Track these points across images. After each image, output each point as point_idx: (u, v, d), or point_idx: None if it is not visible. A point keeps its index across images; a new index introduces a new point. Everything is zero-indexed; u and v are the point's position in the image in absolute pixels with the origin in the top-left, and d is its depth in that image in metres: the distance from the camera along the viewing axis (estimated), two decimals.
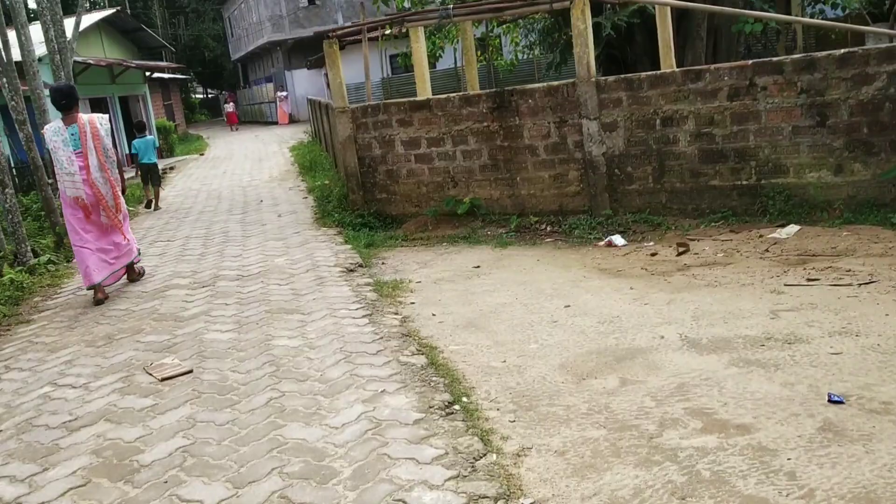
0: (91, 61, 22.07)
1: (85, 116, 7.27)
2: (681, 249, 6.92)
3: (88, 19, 24.75)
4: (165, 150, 26.49)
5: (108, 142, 7.36)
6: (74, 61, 22.67)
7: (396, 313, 5.97)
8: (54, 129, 7.16)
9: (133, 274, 8.06)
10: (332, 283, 6.99)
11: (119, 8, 25.94)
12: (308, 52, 38.84)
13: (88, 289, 7.38)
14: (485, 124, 8.95)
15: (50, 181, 10.61)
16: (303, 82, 41.18)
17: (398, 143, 9.57)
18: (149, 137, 14.57)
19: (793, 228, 6.93)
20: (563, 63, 14.78)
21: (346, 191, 10.22)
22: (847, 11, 14.16)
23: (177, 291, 7.39)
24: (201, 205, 13.91)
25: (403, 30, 15.42)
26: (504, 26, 18.44)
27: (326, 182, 13.40)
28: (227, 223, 11.24)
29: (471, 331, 5.44)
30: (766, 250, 6.56)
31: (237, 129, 40.39)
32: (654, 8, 11.24)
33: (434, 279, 7.02)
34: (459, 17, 9.55)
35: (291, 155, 22.08)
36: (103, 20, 25.18)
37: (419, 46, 10.89)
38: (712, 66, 7.72)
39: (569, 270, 6.81)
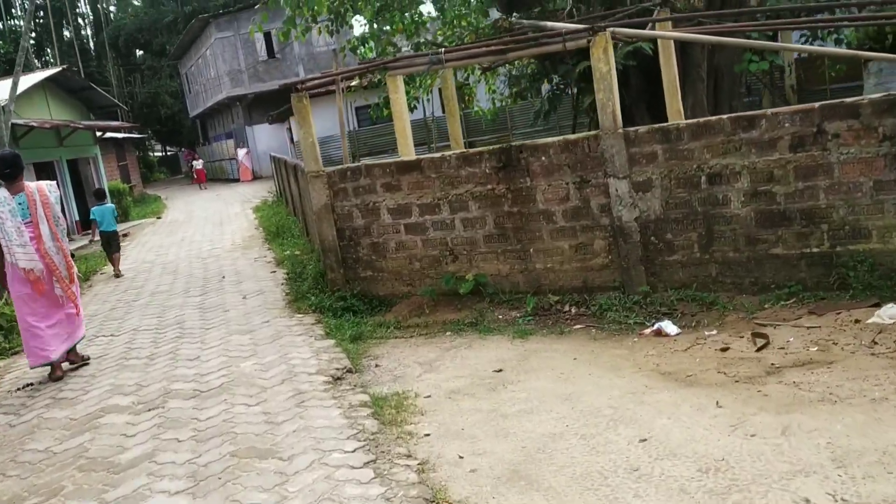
0: (34, 123, 20.42)
1: (32, 184, 7.06)
2: (759, 342, 5.48)
3: (32, 79, 23.11)
4: (120, 215, 24.73)
5: (58, 209, 7.20)
6: (15, 124, 21.05)
7: (409, 455, 4.41)
8: (0, 199, 6.83)
9: (75, 356, 7.48)
10: (317, 402, 5.41)
11: (65, 66, 24.34)
12: (269, 106, 37.48)
13: (43, 366, 7.09)
14: (489, 187, 7.52)
15: None
16: (264, 137, 39.75)
17: (384, 211, 8.09)
18: (108, 205, 14.26)
19: (894, 309, 5.53)
20: (553, 110, 13.52)
21: (324, 268, 8.69)
22: (848, 44, 13.12)
23: (115, 418, 5.74)
24: (155, 282, 12.24)
25: (376, 79, 14.09)
26: (482, 73, 17.23)
27: (297, 253, 11.85)
28: (183, 309, 9.59)
29: (520, 488, 3.89)
30: (874, 342, 5.14)
31: (205, 188, 38.56)
32: (651, 48, 9.98)
33: (447, 391, 5.48)
34: (453, 63, 8.19)
35: (255, 217, 20.49)
36: (48, 79, 23.54)
37: (399, 98, 9.52)
38: (769, 112, 6.38)
39: (621, 375, 5.32)
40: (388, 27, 13.80)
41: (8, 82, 20.57)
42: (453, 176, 7.66)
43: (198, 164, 42.06)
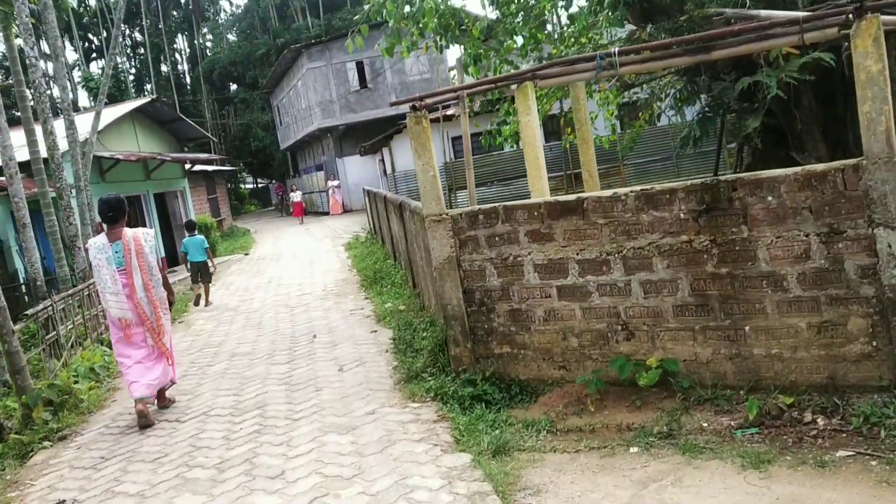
0: (120, 156, 19.32)
1: (129, 232, 7.08)
2: None
3: (121, 110, 22.22)
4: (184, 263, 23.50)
5: (153, 259, 7.18)
6: (100, 156, 20.05)
7: None
8: (98, 247, 7.02)
9: (163, 400, 7.46)
10: None
11: (155, 97, 23.43)
12: (360, 137, 36.26)
13: (140, 399, 7.00)
14: (683, 238, 5.36)
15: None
16: (355, 170, 38.49)
17: (529, 268, 6.03)
18: (198, 237, 14.50)
19: None
20: (706, 135, 11.26)
21: (446, 340, 6.65)
22: None
23: None
24: (236, 338, 10.48)
25: (494, 97, 12.16)
26: (601, 94, 15.01)
27: (402, 308, 9.89)
28: (265, 383, 7.72)
29: None
30: None
31: (304, 223, 34.86)
32: (833, 59, 7.66)
33: None
34: (631, 67, 6.10)
35: (348, 255, 18.77)
36: (137, 110, 22.63)
37: (531, 120, 7.51)
38: None
39: None
40: (504, 41, 11.86)
41: (88, 117, 19.63)
42: (630, 223, 5.54)
43: (295, 196, 38.80)
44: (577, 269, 5.81)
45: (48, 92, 13.36)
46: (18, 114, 12.38)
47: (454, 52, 44.11)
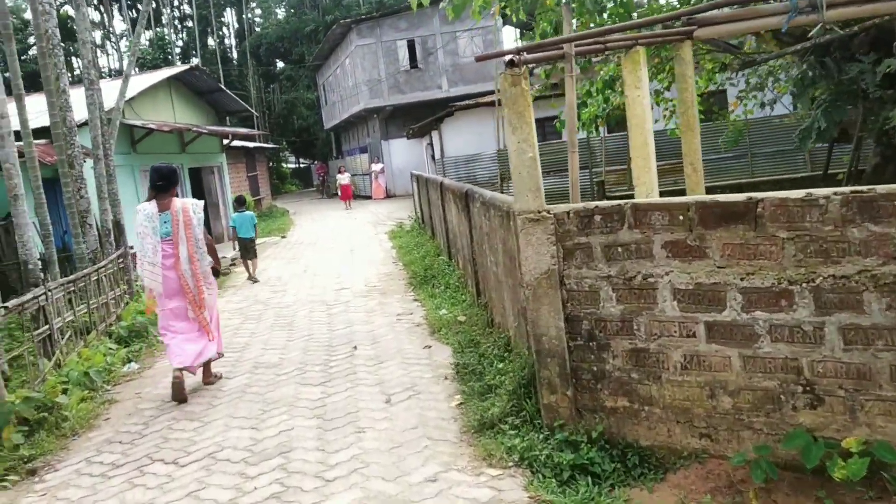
0: (152, 125, 17.87)
1: (178, 202, 6.94)
2: None
3: (156, 76, 20.78)
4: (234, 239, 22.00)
5: (200, 231, 7.04)
6: (132, 125, 18.62)
7: None
8: (147, 215, 6.84)
9: (208, 376, 7.29)
10: None
11: (193, 65, 21.93)
12: (407, 120, 34.64)
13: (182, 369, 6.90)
14: None
15: None
16: (401, 153, 36.86)
17: (666, 293, 4.27)
18: (247, 213, 14.66)
19: None
20: (834, 125, 9.30)
21: (534, 379, 4.93)
22: None
23: None
24: (261, 342, 8.88)
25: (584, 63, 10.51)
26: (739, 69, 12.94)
27: (461, 319, 8.18)
28: (292, 413, 6.07)
29: None
30: None
31: (351, 208, 31.87)
32: None
33: None
34: (841, 11, 4.26)
35: (392, 245, 17.13)
36: (174, 78, 21.17)
37: (640, 95, 5.87)
38: None
39: None
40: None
41: (114, 85, 17.96)
42: (831, 239, 3.76)
43: (343, 178, 35.35)
44: (740, 301, 4.04)
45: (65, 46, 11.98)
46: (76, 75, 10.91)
47: (509, 34, 42.20)
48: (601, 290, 4.49)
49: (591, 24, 9.82)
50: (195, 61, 55.73)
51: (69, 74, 22.50)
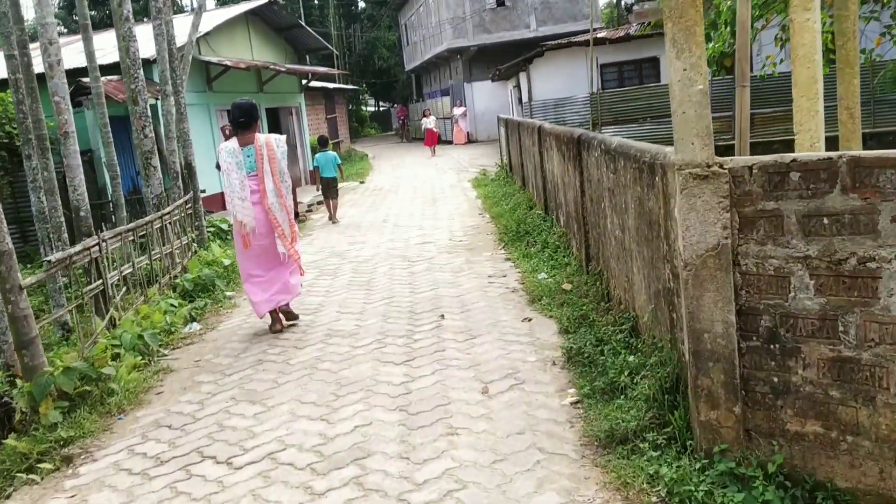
0: (228, 62, 16.99)
1: (262, 137, 6.85)
2: None
3: (233, 11, 19.86)
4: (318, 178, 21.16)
5: (284, 164, 6.92)
6: (208, 62, 17.79)
7: None
8: (229, 150, 6.78)
9: (292, 316, 7.28)
10: None
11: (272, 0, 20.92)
12: (493, 61, 33.00)
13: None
14: None
15: None
16: (484, 97, 35.37)
17: (893, 285, 3.02)
18: (330, 153, 14.72)
19: None
20: None
21: (686, 386, 3.74)
22: None
23: None
24: (336, 305, 7.93)
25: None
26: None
27: (566, 287, 7.01)
28: (370, 400, 5.06)
29: None
30: None
31: (435, 155, 29.82)
32: None
33: None
34: None
35: (477, 195, 15.97)
36: (252, 13, 20.21)
37: (811, 20, 4.66)
38: None
39: None
40: None
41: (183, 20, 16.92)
42: None
43: (428, 121, 32.49)
44: None
45: None
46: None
47: None
48: (793, 275, 3.26)
49: None
50: None
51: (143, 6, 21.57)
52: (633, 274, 4.98)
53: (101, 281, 6.94)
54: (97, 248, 6.89)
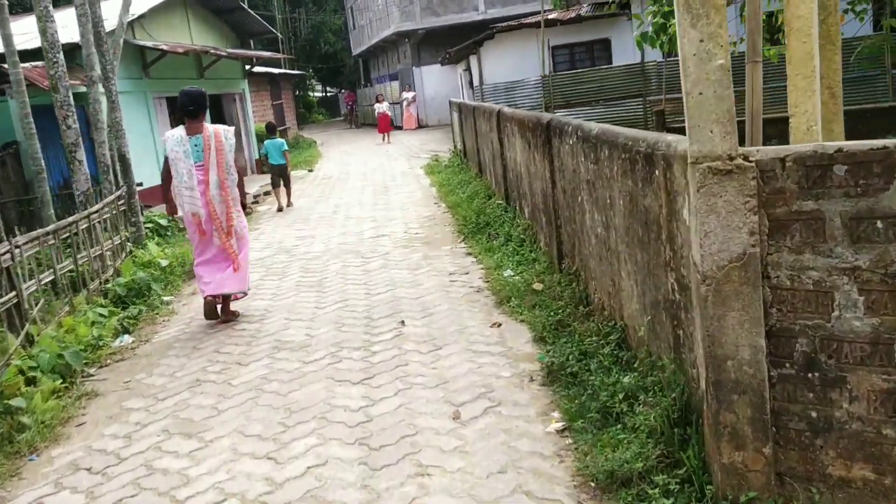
0: (164, 47, 15.98)
1: (211, 128, 6.77)
2: None
3: None
4: (265, 166, 20.22)
5: (231, 157, 6.85)
6: (143, 46, 16.74)
7: None
8: (176, 139, 6.70)
9: (228, 313, 7.01)
10: None
11: None
12: (442, 45, 32.22)
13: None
14: None
15: None
16: (434, 81, 34.62)
17: None
18: (278, 140, 14.41)
19: None
20: None
21: (705, 422, 3.15)
22: None
23: None
24: (284, 310, 7.21)
25: None
26: None
27: (536, 287, 6.41)
28: (325, 429, 4.39)
29: None
30: None
31: (389, 142, 28.31)
32: None
33: None
34: None
35: (431, 182, 15.32)
36: None
37: None
38: None
39: None
40: None
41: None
42: None
43: (381, 106, 30.83)
44: None
45: None
46: None
47: None
48: (837, 290, 2.69)
49: None
50: None
51: None
52: (622, 279, 4.39)
53: (14, 293, 6.11)
54: (8, 255, 6.06)
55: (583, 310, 5.35)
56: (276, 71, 32.61)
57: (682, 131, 4.33)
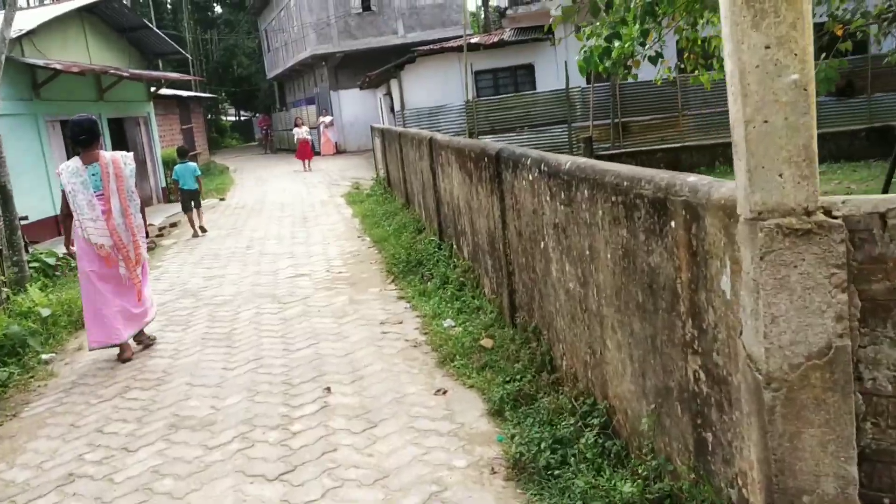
0: (58, 66, 14.56)
1: (108, 155, 6.64)
2: None
3: (64, 7, 17.30)
4: (174, 194, 18.82)
5: (132, 183, 6.71)
6: (33, 65, 15.26)
7: None
8: (72, 170, 6.47)
9: (144, 337, 6.95)
10: None
11: None
12: (360, 68, 31.35)
13: (106, 347, 6.58)
14: None
15: None
16: (352, 105, 33.68)
17: None
18: (190, 164, 14.05)
19: None
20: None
21: None
22: None
23: None
24: (184, 375, 6.11)
25: None
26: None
27: (485, 343, 5.51)
28: None
29: None
30: None
31: (309, 170, 26.22)
32: None
33: None
34: None
35: (353, 213, 14.33)
36: (88, 11, 17.72)
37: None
38: None
39: None
40: None
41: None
42: None
43: (301, 132, 28.18)
44: None
45: None
46: None
47: None
48: None
49: None
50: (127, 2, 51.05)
51: None
52: (606, 349, 3.54)
53: None
54: None
55: (547, 377, 4.48)
56: (185, 94, 31.13)
57: (611, 161, 3.57)
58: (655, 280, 2.86)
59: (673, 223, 2.63)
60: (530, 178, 4.45)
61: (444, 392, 5.00)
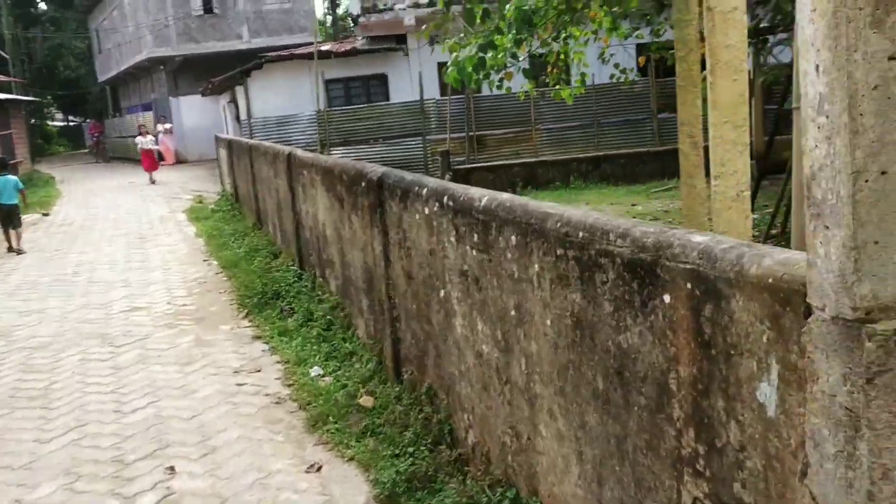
0: None
1: None
2: None
3: None
4: None
5: None
6: None
7: None
8: None
9: None
10: None
11: None
12: (202, 73, 29.54)
13: None
14: None
15: None
16: (194, 112, 31.70)
17: None
18: (11, 178, 13.03)
19: None
20: None
21: None
22: None
23: None
24: None
25: None
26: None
27: (365, 402, 4.65)
28: None
29: None
30: None
31: (154, 182, 23.44)
32: None
33: None
34: None
35: (197, 231, 13.02)
36: None
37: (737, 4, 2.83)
38: None
39: None
40: None
41: None
42: None
43: (144, 141, 24.91)
44: None
45: None
46: None
47: None
48: None
49: None
50: None
51: None
52: (541, 436, 2.79)
53: None
54: None
55: (448, 453, 3.70)
56: (2, 96, 28.15)
57: (468, 175, 2.91)
58: (628, 367, 2.14)
59: (667, 297, 1.91)
60: (426, 211, 3.66)
61: (319, 468, 4.11)
